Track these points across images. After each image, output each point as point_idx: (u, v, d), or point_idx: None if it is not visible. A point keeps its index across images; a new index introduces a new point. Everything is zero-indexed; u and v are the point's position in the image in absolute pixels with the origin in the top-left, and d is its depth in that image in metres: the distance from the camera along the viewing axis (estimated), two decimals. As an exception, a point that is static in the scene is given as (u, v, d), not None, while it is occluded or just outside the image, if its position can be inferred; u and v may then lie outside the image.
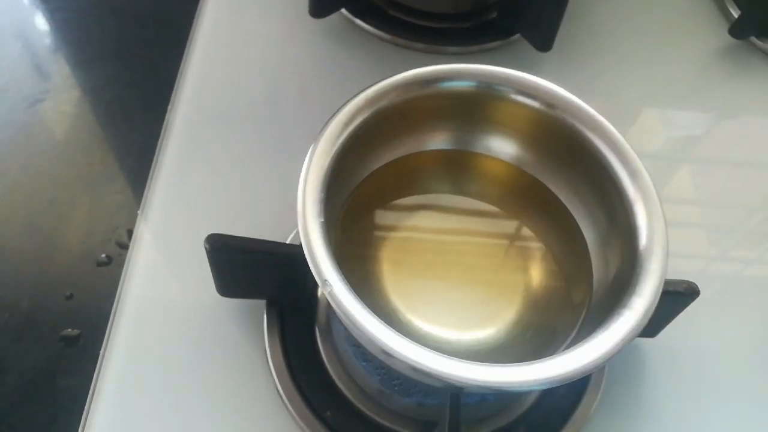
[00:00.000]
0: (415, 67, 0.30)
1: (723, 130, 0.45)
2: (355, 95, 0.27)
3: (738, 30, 0.47)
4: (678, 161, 0.44)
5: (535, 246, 0.30)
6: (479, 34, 0.47)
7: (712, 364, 0.36)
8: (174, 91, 0.43)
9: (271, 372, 0.32)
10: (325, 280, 0.23)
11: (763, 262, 0.40)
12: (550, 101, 0.28)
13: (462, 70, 0.28)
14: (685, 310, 0.32)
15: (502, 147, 0.30)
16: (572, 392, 0.33)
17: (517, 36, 0.46)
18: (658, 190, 0.27)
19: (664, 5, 0.50)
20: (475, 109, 0.29)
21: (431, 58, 0.46)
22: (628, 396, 0.34)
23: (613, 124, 0.28)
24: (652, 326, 0.33)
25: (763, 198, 0.42)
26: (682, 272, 0.31)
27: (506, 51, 0.46)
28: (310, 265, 0.23)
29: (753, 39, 0.47)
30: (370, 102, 0.27)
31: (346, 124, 0.26)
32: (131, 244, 0.36)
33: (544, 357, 0.23)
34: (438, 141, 0.30)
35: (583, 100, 0.45)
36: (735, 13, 0.48)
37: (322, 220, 0.24)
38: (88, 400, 0.32)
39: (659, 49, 0.48)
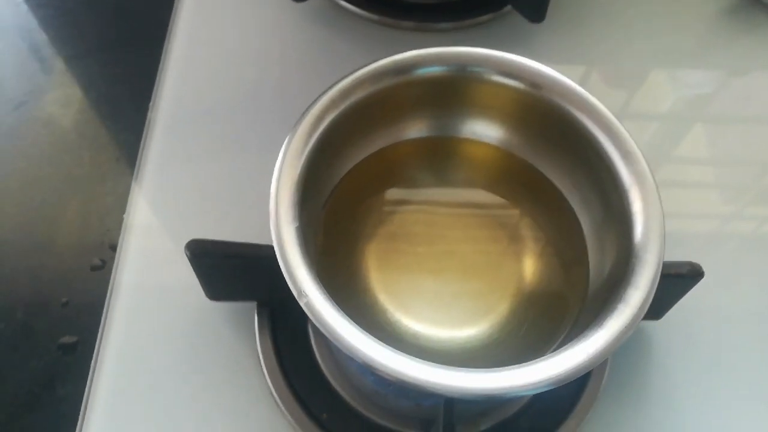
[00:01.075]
0: (404, 48, 0.29)
1: (732, 87, 0.43)
2: (328, 88, 0.25)
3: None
4: (688, 121, 0.42)
5: (529, 234, 0.29)
6: (469, 7, 0.45)
7: (721, 342, 0.34)
8: (155, 86, 0.42)
9: (264, 374, 0.31)
10: (301, 291, 0.22)
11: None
12: (535, 81, 0.26)
13: (438, 54, 0.26)
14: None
15: (488, 131, 0.29)
16: (576, 379, 0.32)
17: (509, 8, 0.44)
18: (653, 173, 0.25)
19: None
20: (456, 93, 0.27)
21: (421, 36, 0.44)
22: (633, 380, 0.33)
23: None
24: (656, 309, 0.32)
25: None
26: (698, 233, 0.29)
27: (498, 24, 0.45)
28: (285, 276, 0.22)
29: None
30: (344, 94, 0.25)
31: (320, 119, 0.25)
32: (118, 250, 0.36)
33: (540, 353, 0.22)
34: (420, 129, 0.29)
35: (584, 67, 0.44)
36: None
37: (297, 224, 0.23)
38: (81, 409, 0.31)
39: (659, 12, 0.46)
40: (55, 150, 0.46)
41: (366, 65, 0.26)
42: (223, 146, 0.39)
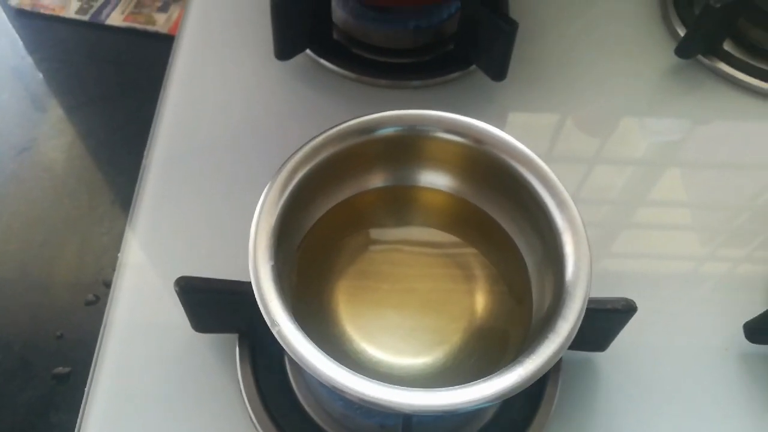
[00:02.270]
0: (380, 103, 0.33)
1: (700, 134, 0.47)
2: (301, 146, 0.29)
3: (683, 50, 0.49)
4: (661, 165, 0.46)
5: (480, 273, 0.33)
6: (439, 66, 0.49)
7: (665, 371, 0.38)
8: (150, 133, 0.46)
9: (244, 400, 0.34)
10: (273, 321, 0.25)
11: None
12: (478, 137, 0.31)
13: (396, 116, 0.30)
14: (630, 321, 0.34)
15: (441, 180, 0.33)
16: (528, 405, 0.35)
17: (474, 66, 0.48)
18: (583, 220, 0.29)
19: (611, 27, 0.53)
20: (413, 148, 0.31)
21: (396, 92, 0.48)
22: (582, 407, 0.36)
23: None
24: (600, 342, 0.36)
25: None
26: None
27: (466, 81, 0.49)
28: (260, 308, 0.25)
29: (700, 57, 0.50)
30: (315, 151, 0.29)
31: (294, 171, 0.29)
32: (112, 286, 0.39)
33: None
34: (382, 179, 0.33)
35: (543, 119, 0.48)
36: (682, 32, 0.51)
37: (273, 263, 0.27)
38: (75, 435, 0.34)
39: (616, 62, 0.50)
40: (55, 193, 0.50)
41: (334, 126, 0.30)
42: (211, 190, 0.43)
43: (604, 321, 0.33)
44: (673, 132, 0.48)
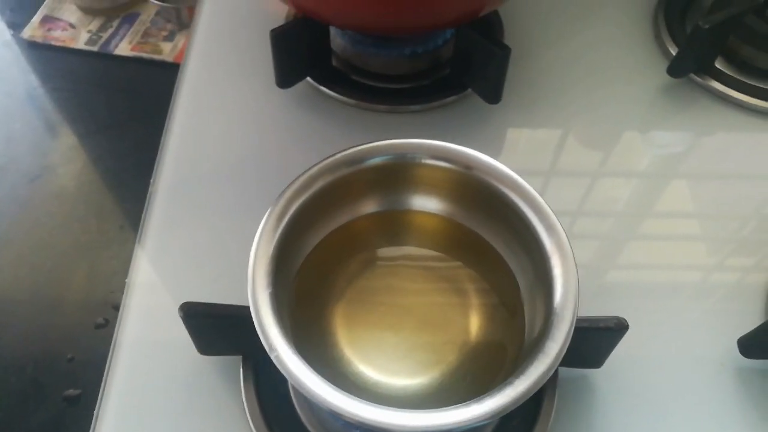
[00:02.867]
0: (378, 128, 0.34)
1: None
2: (297, 177, 0.31)
3: (675, 69, 0.50)
4: (665, 177, 0.47)
5: (475, 294, 0.34)
6: (436, 90, 0.50)
7: (661, 386, 0.38)
8: (156, 160, 0.47)
9: (248, 422, 0.35)
10: (271, 346, 0.26)
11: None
12: (467, 163, 0.32)
13: (381, 147, 0.32)
14: (623, 339, 0.35)
15: (434, 204, 0.34)
16: (525, 422, 0.36)
17: (470, 90, 0.50)
18: (570, 244, 0.30)
19: (604, 48, 0.54)
20: (404, 175, 0.33)
21: (394, 117, 0.50)
22: (578, 423, 0.37)
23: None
24: (594, 359, 0.37)
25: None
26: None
27: (462, 104, 0.50)
28: (258, 333, 0.27)
29: (692, 76, 0.51)
30: (310, 181, 0.31)
31: (291, 201, 0.30)
32: (121, 308, 0.40)
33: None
34: (376, 205, 0.34)
35: (538, 140, 0.49)
36: (674, 51, 0.52)
37: (271, 290, 0.28)
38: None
39: (605, 88, 0.51)
40: (65, 219, 0.51)
41: (327, 157, 0.31)
42: (216, 215, 0.44)
43: (597, 339, 0.34)
44: (666, 148, 0.49)
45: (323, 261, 0.33)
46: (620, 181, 0.47)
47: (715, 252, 0.44)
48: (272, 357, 0.26)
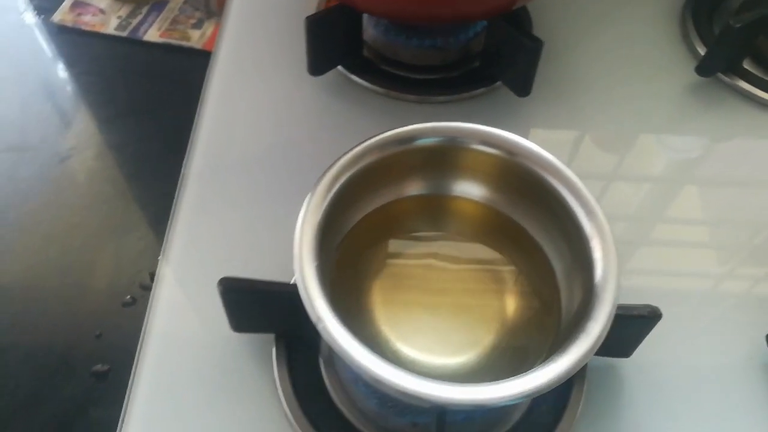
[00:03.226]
0: (408, 118, 0.34)
1: (719, 152, 0.49)
2: (343, 154, 0.31)
3: (704, 68, 0.50)
4: (679, 182, 0.47)
5: (512, 277, 0.34)
6: (466, 82, 0.51)
7: (688, 379, 0.39)
8: (189, 144, 0.48)
9: (280, 399, 0.36)
10: (318, 317, 0.27)
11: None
12: (510, 149, 0.32)
13: (433, 128, 0.32)
14: (653, 331, 0.35)
15: (474, 190, 0.35)
16: (554, 409, 0.36)
17: (500, 83, 0.50)
18: (610, 227, 0.30)
19: (633, 46, 0.54)
20: (448, 159, 0.33)
21: (423, 107, 0.50)
22: (606, 412, 0.37)
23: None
24: (625, 348, 0.37)
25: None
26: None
27: (491, 97, 0.51)
28: (305, 305, 0.27)
29: (720, 75, 0.51)
30: (356, 159, 0.31)
31: (336, 178, 0.31)
32: (154, 286, 0.41)
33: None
34: (418, 188, 0.34)
35: (566, 134, 0.49)
36: (702, 51, 0.52)
37: (317, 263, 0.28)
38: (117, 430, 0.36)
39: (636, 80, 0.52)
40: (92, 200, 0.52)
41: (374, 136, 0.32)
42: (249, 198, 0.44)
43: (630, 327, 0.34)
44: (693, 149, 0.49)
45: (363, 239, 0.34)
46: (636, 185, 0.47)
47: (737, 256, 0.44)
48: (319, 328, 0.26)
